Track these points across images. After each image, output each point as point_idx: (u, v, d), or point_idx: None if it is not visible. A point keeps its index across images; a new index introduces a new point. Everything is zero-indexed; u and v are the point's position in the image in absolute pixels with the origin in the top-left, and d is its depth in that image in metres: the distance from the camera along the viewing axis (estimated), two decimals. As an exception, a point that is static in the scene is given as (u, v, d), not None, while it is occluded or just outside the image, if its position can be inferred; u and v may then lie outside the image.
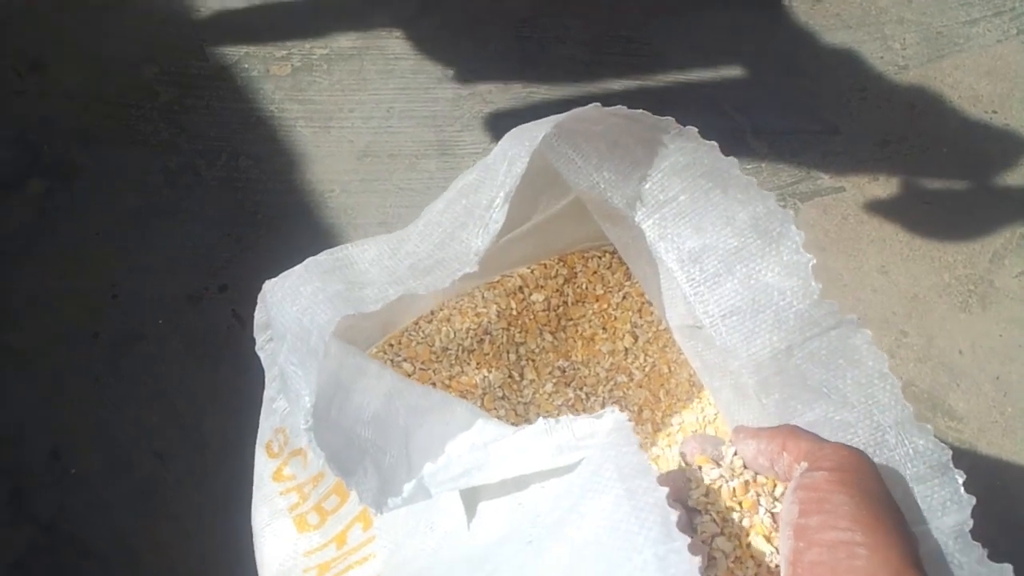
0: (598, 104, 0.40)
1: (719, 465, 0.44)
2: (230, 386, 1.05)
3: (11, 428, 1.02)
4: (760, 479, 0.42)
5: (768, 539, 0.41)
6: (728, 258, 0.43)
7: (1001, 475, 1.06)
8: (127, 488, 1.00)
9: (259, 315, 0.49)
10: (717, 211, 0.43)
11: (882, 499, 0.36)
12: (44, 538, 0.97)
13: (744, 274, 0.42)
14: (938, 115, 1.30)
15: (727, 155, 0.42)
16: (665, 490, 0.37)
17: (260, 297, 0.48)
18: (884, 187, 1.24)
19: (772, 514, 0.41)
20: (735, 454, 0.44)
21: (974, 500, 0.39)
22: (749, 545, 0.41)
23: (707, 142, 0.42)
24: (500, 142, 0.45)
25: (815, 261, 0.41)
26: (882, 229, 1.21)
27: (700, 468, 0.43)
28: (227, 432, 1.02)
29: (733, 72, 1.32)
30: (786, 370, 0.42)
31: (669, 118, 0.42)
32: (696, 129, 0.42)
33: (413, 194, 1.19)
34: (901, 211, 1.22)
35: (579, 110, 0.41)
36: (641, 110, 0.41)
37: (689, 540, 0.35)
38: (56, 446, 1.02)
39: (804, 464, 0.38)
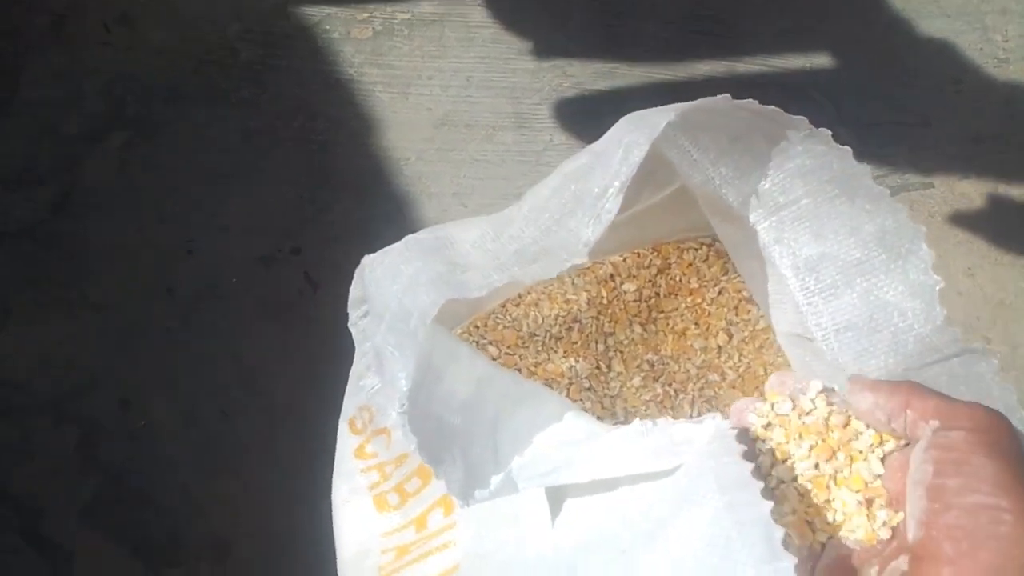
0: (728, 96, 0.38)
1: (794, 403, 0.42)
2: (299, 348, 1.05)
3: (84, 378, 1.04)
4: (833, 428, 0.41)
5: (851, 488, 0.40)
6: (848, 270, 0.41)
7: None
8: (193, 442, 1.02)
9: (355, 290, 0.48)
10: (841, 219, 0.41)
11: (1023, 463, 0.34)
12: (110, 487, 0.99)
13: (864, 289, 0.40)
14: (1037, 113, 1.24)
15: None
16: (770, 504, 0.35)
17: (357, 272, 0.47)
18: (975, 186, 1.19)
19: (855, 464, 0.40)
20: (816, 397, 0.42)
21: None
22: (826, 489, 0.40)
23: (839, 147, 0.40)
24: (613, 128, 0.43)
25: (943, 284, 0.39)
26: (970, 229, 1.16)
27: (772, 403, 0.42)
28: (294, 394, 1.03)
29: (822, 58, 1.28)
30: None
31: (802, 117, 0.39)
32: (829, 132, 0.40)
33: (488, 166, 1.18)
34: (991, 212, 1.18)
35: (706, 100, 0.39)
36: (773, 107, 0.39)
37: (795, 560, 0.34)
38: (126, 398, 1.03)
39: (935, 423, 0.37)
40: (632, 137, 0.40)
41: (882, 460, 0.40)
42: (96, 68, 1.23)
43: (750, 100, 0.38)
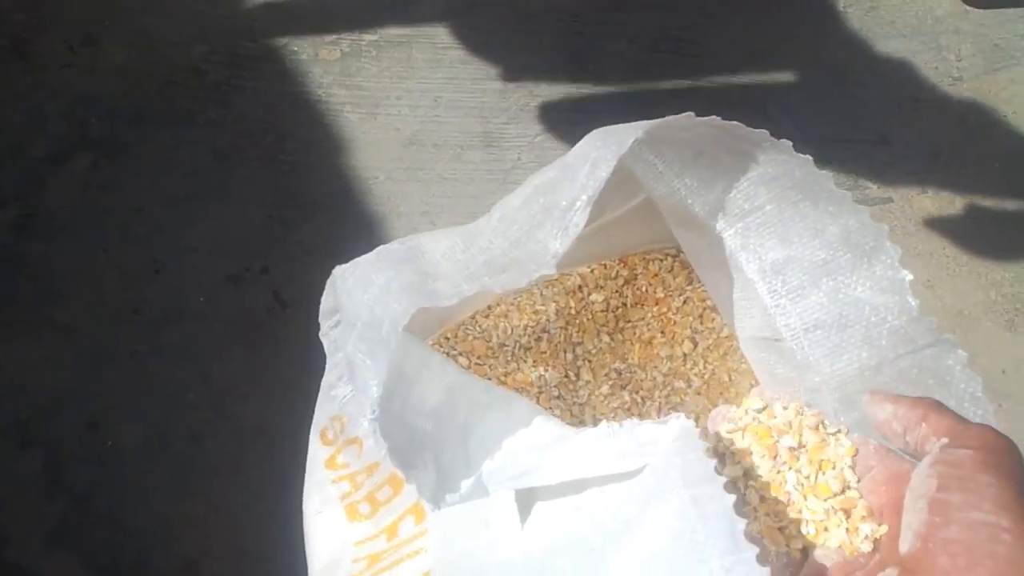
0: (691, 113, 0.39)
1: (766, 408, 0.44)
2: (267, 369, 1.05)
3: (50, 400, 1.03)
4: (808, 435, 0.42)
5: (819, 496, 0.41)
6: (814, 271, 0.42)
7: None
8: (161, 465, 1.01)
9: (326, 300, 0.49)
10: (806, 223, 0.42)
11: None
12: (77, 511, 0.98)
13: (831, 288, 0.42)
14: (991, 129, 1.28)
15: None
16: (733, 497, 0.36)
17: (329, 282, 0.48)
18: (932, 200, 1.22)
19: (804, 473, 0.41)
20: (789, 405, 0.44)
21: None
22: (787, 494, 0.41)
23: (801, 155, 0.41)
24: (582, 142, 0.44)
25: (912, 277, 0.40)
26: (929, 243, 1.19)
27: (745, 408, 0.44)
28: (262, 415, 1.03)
29: (784, 76, 1.30)
30: (871, 388, 0.42)
31: (763, 131, 0.41)
32: (791, 143, 0.41)
33: (457, 184, 1.19)
34: (949, 226, 1.21)
35: (671, 118, 0.40)
36: (736, 122, 0.40)
37: (758, 550, 0.34)
38: (93, 420, 1.02)
39: (944, 440, 0.37)
40: (599, 153, 0.41)
41: (853, 468, 0.41)
42: (60, 90, 1.22)
43: (713, 117, 0.40)
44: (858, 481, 0.41)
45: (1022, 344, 1.13)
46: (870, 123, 1.27)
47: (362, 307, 0.43)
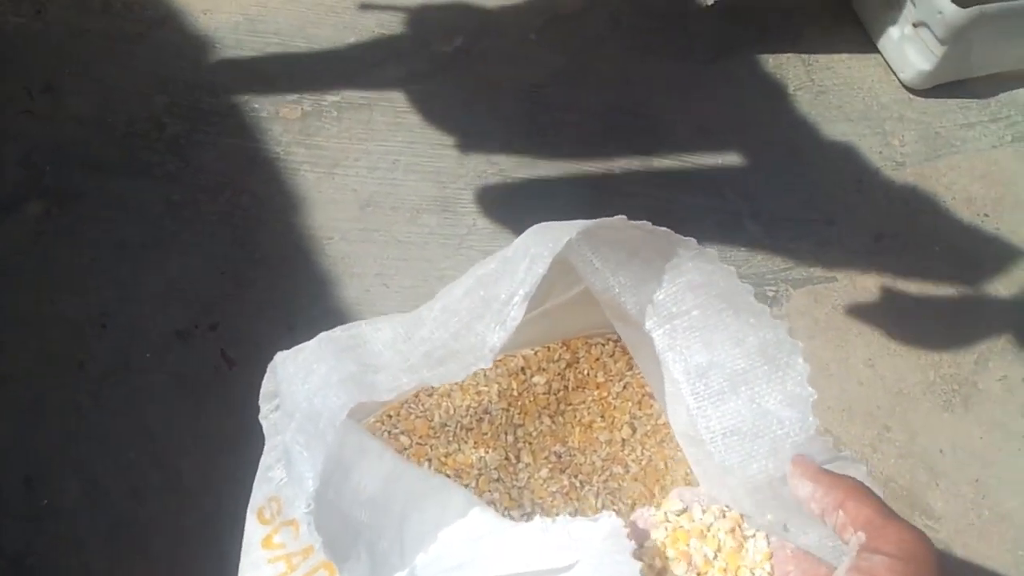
0: (624, 217, 0.41)
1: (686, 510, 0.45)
2: (212, 426, 1.04)
3: (-14, 452, 1.01)
4: (724, 539, 0.43)
5: None
6: (734, 378, 0.44)
7: (974, 579, 1.07)
8: (100, 523, 0.99)
9: (267, 384, 0.49)
10: (728, 331, 0.44)
11: None
12: (11, 572, 0.96)
13: (748, 396, 0.43)
14: (932, 214, 1.32)
15: (727, 241, 0.43)
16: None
17: (270, 368, 0.48)
18: (875, 280, 1.26)
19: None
20: (708, 508, 0.45)
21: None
22: None
23: (725, 266, 0.43)
24: (522, 236, 0.46)
25: (816, 396, 0.41)
26: (871, 322, 1.22)
27: (665, 510, 0.45)
28: (206, 473, 1.01)
29: (735, 155, 1.34)
30: (781, 496, 0.43)
31: (691, 239, 0.43)
32: (716, 252, 0.43)
33: (412, 247, 1.20)
34: (890, 305, 1.24)
35: (605, 220, 0.42)
36: (665, 228, 0.42)
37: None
38: (31, 475, 1.00)
39: (861, 536, 0.37)
40: (537, 249, 0.42)
41: (770, 573, 0.43)
42: (16, 135, 1.22)
43: (644, 221, 0.41)
44: None
45: (959, 424, 1.16)
46: (817, 203, 1.31)
47: (301, 398, 0.43)
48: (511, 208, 1.24)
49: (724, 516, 0.45)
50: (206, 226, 1.18)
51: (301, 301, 1.13)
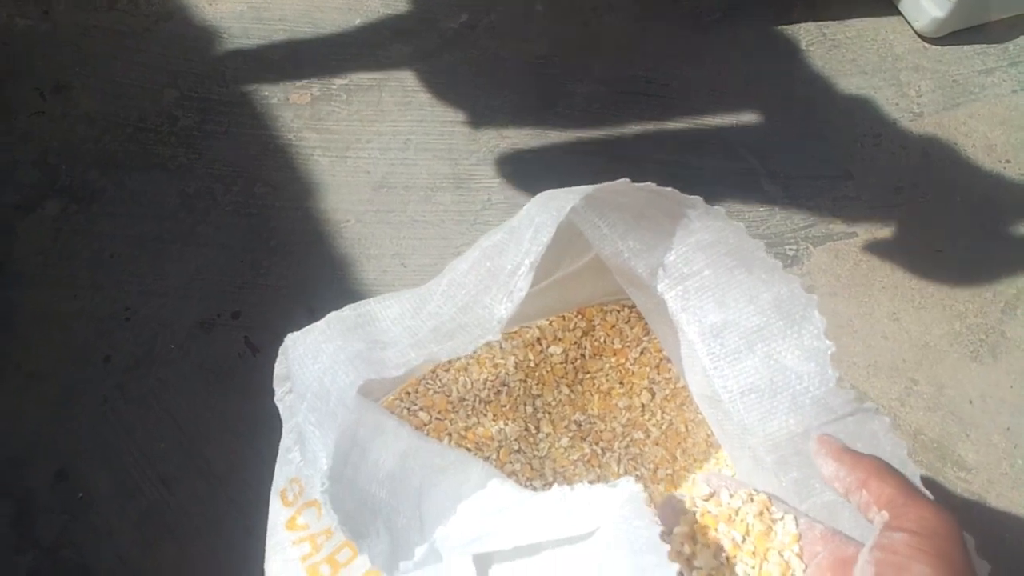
0: (627, 179, 0.41)
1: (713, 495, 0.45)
2: (238, 414, 1.05)
3: (19, 449, 1.03)
4: (752, 522, 0.43)
5: None
6: (749, 336, 0.43)
7: (1010, 528, 1.05)
8: (132, 513, 1.00)
9: (279, 367, 0.49)
10: (741, 289, 0.43)
11: (965, 572, 0.35)
12: (47, 562, 0.97)
13: (764, 353, 0.43)
14: (952, 163, 1.30)
15: (744, 202, 0.43)
16: (676, 567, 0.37)
17: (281, 350, 0.48)
18: (896, 233, 1.24)
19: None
20: (736, 492, 0.44)
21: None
22: None
23: (734, 223, 0.43)
24: (527, 206, 0.45)
25: (834, 349, 0.41)
26: (893, 276, 1.21)
27: (691, 496, 0.44)
28: (233, 460, 1.03)
29: (749, 115, 1.32)
30: (803, 451, 0.42)
31: (697, 197, 0.42)
32: (723, 209, 0.42)
33: (427, 226, 1.20)
34: (913, 258, 1.22)
35: (609, 184, 0.41)
36: (671, 188, 0.41)
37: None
38: (63, 469, 1.02)
39: (884, 514, 0.37)
40: (541, 218, 0.42)
41: (798, 555, 0.42)
42: (30, 136, 1.23)
43: (648, 183, 0.41)
44: (804, 568, 0.42)
45: (988, 374, 1.15)
46: (834, 158, 1.29)
47: (311, 378, 0.43)
48: (525, 181, 1.23)
49: (752, 500, 0.44)
50: (223, 216, 1.18)
51: (320, 285, 1.14)
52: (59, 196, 1.18)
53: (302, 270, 1.15)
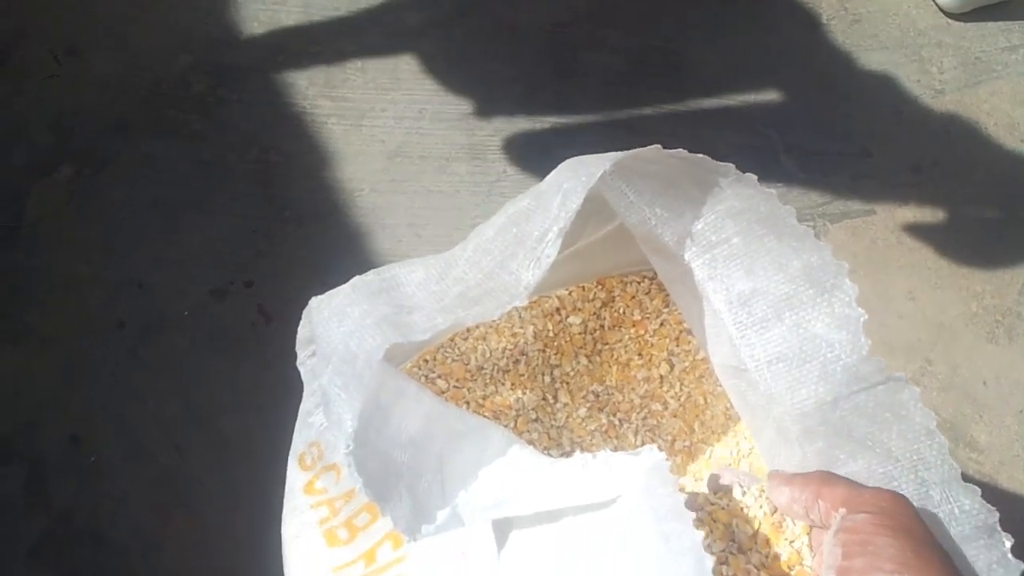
0: (659, 146, 0.40)
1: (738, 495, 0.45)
2: (251, 381, 1.05)
3: (31, 413, 1.03)
4: (763, 517, 0.43)
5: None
6: (778, 304, 0.43)
7: (1021, 509, 1.05)
8: (144, 479, 1.01)
9: (302, 330, 0.49)
10: (770, 256, 0.43)
11: (926, 541, 0.37)
12: (59, 527, 0.98)
13: (793, 322, 0.42)
14: (973, 142, 1.29)
15: (761, 177, 0.42)
16: (701, 534, 0.37)
17: (305, 313, 0.48)
18: (915, 212, 1.23)
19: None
20: (745, 493, 0.45)
21: (1023, 566, 0.39)
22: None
23: (765, 190, 0.42)
24: (554, 172, 0.45)
25: (866, 317, 0.41)
26: (911, 255, 1.20)
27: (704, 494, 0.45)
28: (246, 427, 1.03)
29: (768, 90, 1.31)
30: (830, 421, 0.42)
31: (729, 164, 0.41)
32: (755, 176, 0.41)
33: (442, 196, 1.19)
34: (931, 237, 1.21)
35: (639, 150, 0.41)
36: (702, 155, 0.40)
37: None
38: (75, 434, 1.02)
39: (843, 510, 0.39)
40: (570, 184, 0.41)
41: (809, 547, 0.42)
42: (43, 100, 1.22)
43: (680, 149, 0.40)
44: (813, 556, 0.43)
45: (1002, 355, 1.14)
46: (854, 135, 1.28)
47: (337, 341, 0.43)
48: (541, 153, 1.22)
49: (763, 494, 0.45)
50: (236, 184, 1.18)
51: (334, 254, 1.13)
52: (73, 160, 1.18)
53: (316, 239, 1.15)
